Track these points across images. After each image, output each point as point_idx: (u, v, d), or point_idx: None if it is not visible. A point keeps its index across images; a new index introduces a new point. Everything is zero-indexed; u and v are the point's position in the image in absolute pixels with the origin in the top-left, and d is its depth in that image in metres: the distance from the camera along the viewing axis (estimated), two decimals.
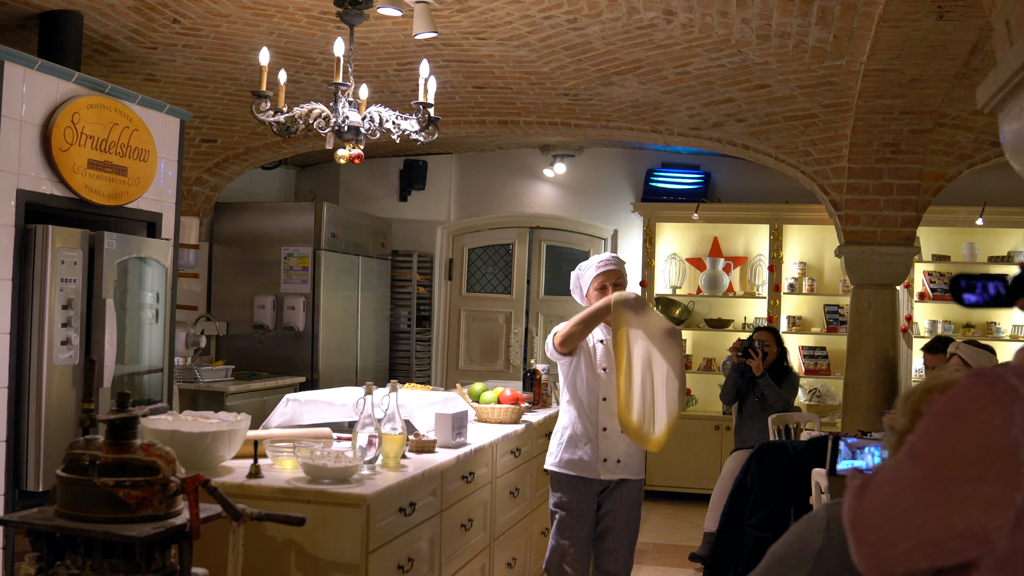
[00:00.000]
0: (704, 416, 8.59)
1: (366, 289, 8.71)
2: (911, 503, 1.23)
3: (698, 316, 8.91)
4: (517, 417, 5.01)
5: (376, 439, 3.58)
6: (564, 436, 4.29)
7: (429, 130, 4.31)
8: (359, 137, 4.30)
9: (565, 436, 4.29)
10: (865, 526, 1.27)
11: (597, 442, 4.24)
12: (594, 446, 4.24)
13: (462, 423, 4.28)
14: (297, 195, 9.75)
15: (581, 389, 4.25)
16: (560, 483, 4.28)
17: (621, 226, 9.29)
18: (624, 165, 9.29)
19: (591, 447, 4.24)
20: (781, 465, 5.39)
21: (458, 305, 9.74)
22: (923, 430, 1.26)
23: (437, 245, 9.68)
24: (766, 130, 6.60)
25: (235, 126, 7.27)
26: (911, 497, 1.23)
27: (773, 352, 6.73)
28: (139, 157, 5.14)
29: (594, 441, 4.24)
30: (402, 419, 3.71)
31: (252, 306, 8.01)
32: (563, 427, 4.32)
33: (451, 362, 9.72)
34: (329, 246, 8.06)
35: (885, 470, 1.29)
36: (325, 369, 7.98)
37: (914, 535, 1.22)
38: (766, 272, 8.62)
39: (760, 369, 6.53)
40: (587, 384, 4.25)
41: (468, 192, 9.66)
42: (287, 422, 4.36)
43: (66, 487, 2.61)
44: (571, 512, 4.24)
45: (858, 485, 1.33)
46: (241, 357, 7.99)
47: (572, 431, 4.27)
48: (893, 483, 1.26)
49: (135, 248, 5.00)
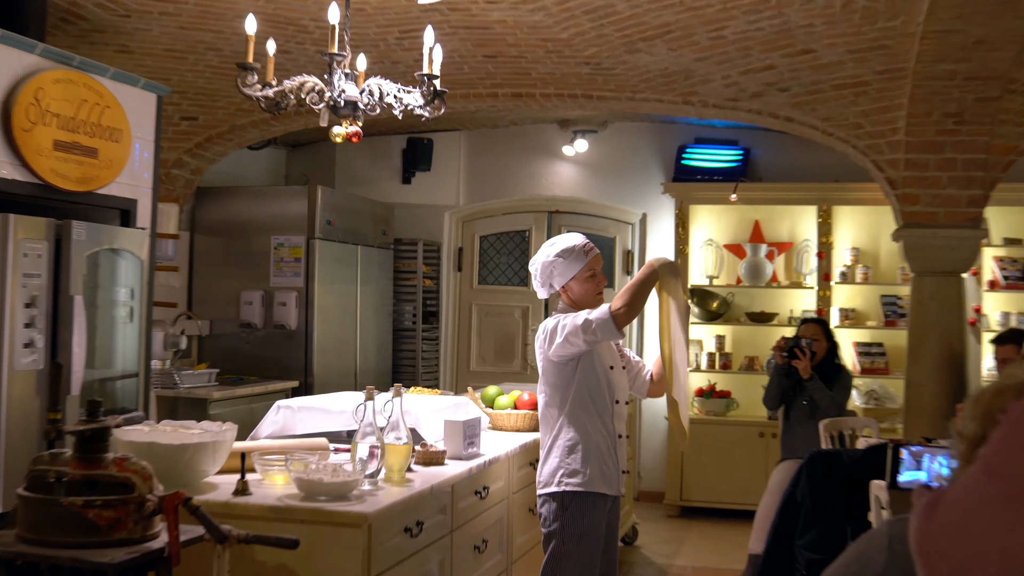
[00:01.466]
0: (747, 422, 8.56)
1: (366, 282, 8.71)
2: (989, 525, 1.19)
3: (738, 309, 8.88)
4: (536, 424, 4.97)
5: (378, 450, 3.57)
6: (576, 450, 4.03)
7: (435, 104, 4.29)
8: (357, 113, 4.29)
9: (578, 450, 4.03)
10: (936, 552, 1.24)
11: (615, 452, 4.10)
12: (613, 458, 4.09)
13: (474, 431, 4.28)
14: (288, 178, 9.75)
15: (593, 392, 4.06)
16: (584, 506, 4.02)
17: (650, 209, 9.27)
18: (653, 141, 9.26)
19: (612, 459, 4.08)
20: (835, 477, 5.36)
21: (469, 299, 9.73)
22: (999, 441, 1.23)
23: (445, 232, 9.67)
24: (812, 100, 6.56)
25: (218, 102, 7.27)
26: (989, 518, 1.20)
27: (822, 348, 6.68)
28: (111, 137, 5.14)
29: (613, 451, 4.09)
30: (407, 427, 3.72)
31: (238, 302, 8.02)
32: (569, 440, 4.04)
33: (461, 363, 9.72)
34: (324, 235, 8.06)
35: (957, 486, 1.26)
36: (320, 372, 7.99)
37: (994, 561, 1.19)
38: (814, 259, 8.58)
39: (808, 371, 6.46)
40: (598, 385, 4.08)
41: (479, 173, 9.65)
42: (278, 432, 4.36)
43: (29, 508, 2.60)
44: (594, 538, 4.04)
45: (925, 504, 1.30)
46: (226, 359, 8.00)
47: (585, 443, 4.03)
48: (967, 502, 1.23)
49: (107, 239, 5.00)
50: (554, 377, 4.08)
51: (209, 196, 8.27)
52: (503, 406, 5.17)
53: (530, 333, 9.49)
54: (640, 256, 9.33)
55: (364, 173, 9.68)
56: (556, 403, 4.09)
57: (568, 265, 4.10)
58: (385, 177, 9.68)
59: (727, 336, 8.90)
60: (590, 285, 4.12)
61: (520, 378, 9.31)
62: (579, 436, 4.05)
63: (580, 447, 4.03)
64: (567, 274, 4.10)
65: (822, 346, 6.69)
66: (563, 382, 4.07)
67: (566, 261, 4.10)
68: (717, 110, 7.00)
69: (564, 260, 4.10)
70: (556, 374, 4.08)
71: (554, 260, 4.10)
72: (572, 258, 4.10)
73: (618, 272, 9.39)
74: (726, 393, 8.71)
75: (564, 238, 4.18)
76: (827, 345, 6.73)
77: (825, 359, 6.70)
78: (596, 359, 4.08)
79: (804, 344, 6.52)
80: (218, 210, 8.24)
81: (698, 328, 8.90)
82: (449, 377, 9.68)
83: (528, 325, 9.53)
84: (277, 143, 9.46)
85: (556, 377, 4.08)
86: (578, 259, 4.10)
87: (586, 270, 4.11)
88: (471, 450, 4.24)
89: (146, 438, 3.39)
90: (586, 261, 4.11)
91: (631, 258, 9.40)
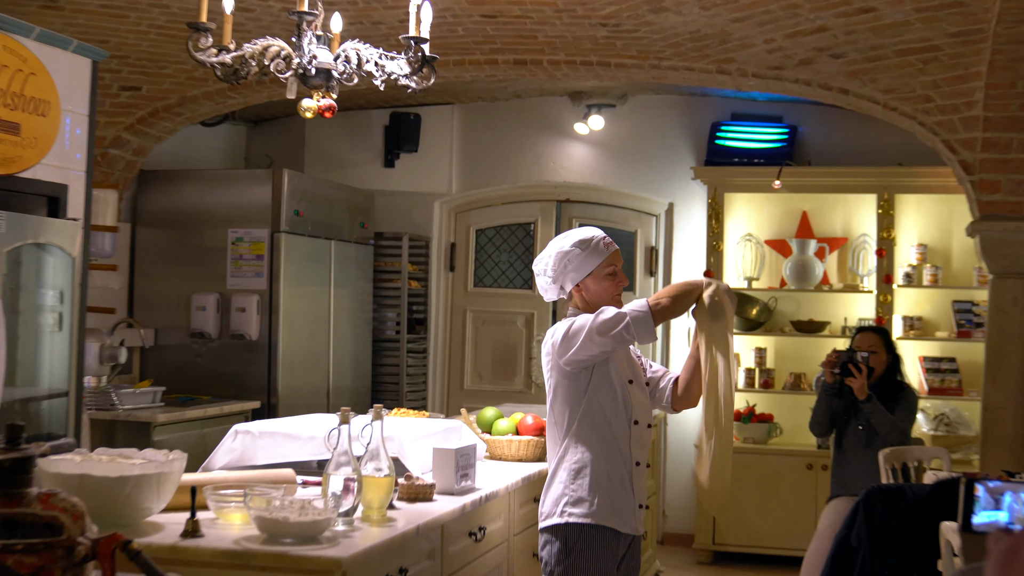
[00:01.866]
0: (792, 451, 8.54)
1: (341, 284, 8.71)
2: None
3: (782, 317, 8.86)
4: (542, 453, 4.98)
5: (354, 483, 3.56)
6: (583, 474, 4.03)
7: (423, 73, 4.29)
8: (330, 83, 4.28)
9: (585, 474, 4.03)
10: None
11: (631, 482, 4.11)
12: (628, 489, 4.09)
13: (469, 461, 4.30)
14: (249, 160, 9.75)
15: (607, 408, 4.06)
16: (591, 543, 4.01)
17: (678, 198, 9.26)
18: (681, 117, 9.25)
19: (625, 490, 4.08)
20: (897, 517, 5.35)
21: (463, 304, 9.73)
22: None
23: (435, 225, 9.67)
24: (872, 68, 6.56)
25: (166, 69, 7.27)
26: None
27: (882, 363, 6.66)
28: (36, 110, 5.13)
29: (627, 481, 4.09)
30: (389, 457, 3.73)
31: (189, 308, 8.01)
32: (575, 463, 4.06)
33: (454, 380, 9.72)
34: (291, 227, 8.06)
35: None
36: (286, 391, 7.99)
37: None
38: (873, 258, 8.58)
39: (864, 391, 6.44)
40: (613, 402, 4.08)
41: (475, 155, 9.65)
42: (235, 462, 4.36)
43: None
44: None
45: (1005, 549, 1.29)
46: (174, 376, 7.98)
47: (594, 469, 4.03)
48: None
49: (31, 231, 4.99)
50: (564, 391, 4.09)
51: (154, 181, 8.24)
52: (503, 431, 5.16)
53: (535, 345, 9.47)
54: (666, 253, 9.33)
55: (339, 154, 9.67)
56: (563, 420, 4.10)
57: (586, 258, 4.12)
58: (364, 159, 9.66)
59: (768, 349, 8.89)
60: (609, 283, 4.14)
61: (523, 398, 9.28)
62: (587, 458, 4.05)
63: (588, 471, 4.04)
64: (584, 269, 4.12)
65: (881, 360, 6.67)
66: (573, 396, 4.07)
67: (583, 253, 4.12)
68: (758, 80, 7.00)
69: (582, 252, 4.12)
70: (566, 387, 4.08)
71: (570, 251, 4.12)
72: (590, 250, 4.12)
73: (639, 272, 9.39)
74: (767, 417, 8.69)
75: (578, 231, 4.21)
76: (887, 359, 6.72)
77: (885, 376, 6.69)
78: (613, 369, 4.09)
79: (860, 358, 6.49)
80: (165, 198, 8.21)
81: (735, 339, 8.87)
82: (439, 397, 9.67)
83: (533, 335, 9.52)
84: (235, 118, 9.43)
85: (566, 391, 4.09)
86: (597, 252, 4.13)
87: (606, 265, 4.13)
88: (465, 483, 4.24)
89: (77, 469, 3.38)
90: (606, 255, 4.13)
91: (655, 256, 9.40)
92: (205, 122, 8.87)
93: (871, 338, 6.75)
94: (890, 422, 6.44)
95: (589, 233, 4.17)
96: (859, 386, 6.44)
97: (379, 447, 3.69)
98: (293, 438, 4.39)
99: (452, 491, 4.15)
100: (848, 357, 6.50)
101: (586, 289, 4.13)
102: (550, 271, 4.16)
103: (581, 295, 4.14)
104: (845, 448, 6.66)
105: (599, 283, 4.12)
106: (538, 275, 4.23)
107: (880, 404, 6.46)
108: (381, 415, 3.73)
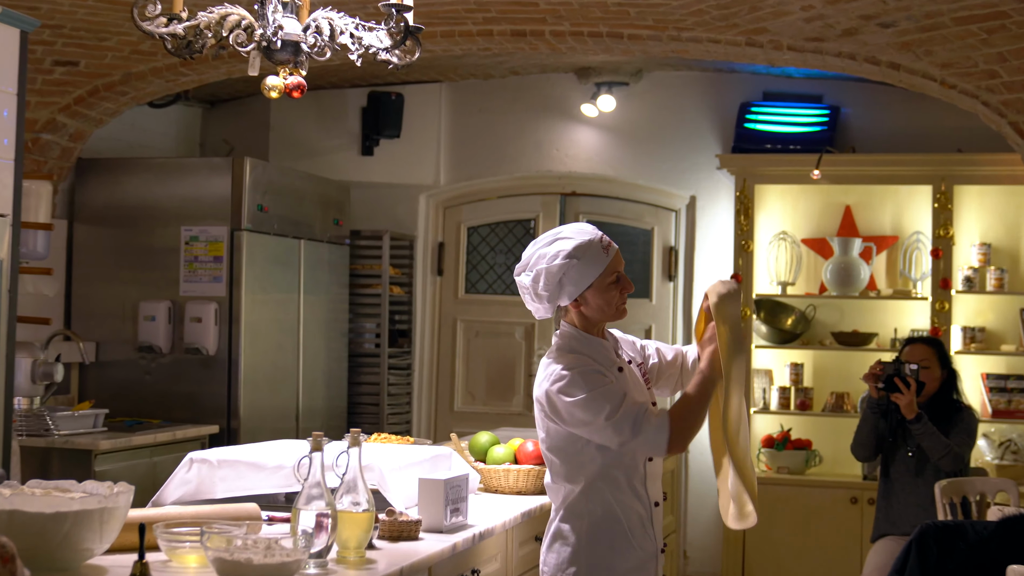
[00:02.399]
0: (834, 482, 8.53)
1: (312, 290, 8.71)
2: None
3: (821, 328, 8.86)
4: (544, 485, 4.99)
5: (328, 520, 3.56)
6: (595, 527, 3.99)
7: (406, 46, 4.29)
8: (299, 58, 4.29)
9: (598, 528, 3.99)
10: None
11: (652, 527, 4.09)
12: (649, 536, 4.08)
13: (460, 494, 4.30)
14: (205, 147, 9.75)
15: (617, 458, 3.99)
16: None
17: (701, 191, 9.27)
18: (705, 97, 9.26)
19: (647, 537, 4.07)
20: (956, 559, 5.33)
21: (453, 313, 9.74)
22: None
23: (420, 222, 9.68)
24: (927, 39, 6.56)
25: (107, 41, 7.26)
26: None
27: (935, 378, 6.64)
28: None
29: (648, 528, 4.08)
30: (368, 489, 3.72)
31: (136, 318, 8.01)
32: (584, 514, 4.01)
33: (442, 401, 9.72)
34: (255, 224, 8.06)
35: None
36: (249, 413, 7.99)
37: None
38: (927, 259, 8.56)
39: (913, 409, 6.41)
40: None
41: (466, 141, 9.65)
42: (191, 495, 4.37)
43: None
44: None
45: None
46: (119, 396, 7.97)
47: (609, 518, 3.99)
48: None
49: None
50: (562, 444, 4.01)
51: (95, 171, 8.23)
52: (499, 459, 5.16)
53: (536, 360, 9.47)
54: (687, 254, 9.33)
55: (309, 141, 9.67)
56: (564, 473, 4.03)
57: (585, 267, 3.99)
58: (338, 146, 9.67)
59: (806, 364, 8.87)
60: (613, 293, 4.03)
61: (522, 421, 9.22)
62: (598, 511, 4.00)
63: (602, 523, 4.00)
64: (583, 280, 4.00)
65: (934, 376, 6.64)
66: (577, 453, 3.99)
67: (582, 262, 3.98)
68: (794, 53, 7.00)
69: (580, 261, 3.98)
70: (567, 441, 4.00)
71: (566, 263, 3.97)
72: (590, 257, 3.99)
73: (656, 277, 9.39)
74: (805, 443, 8.69)
75: (567, 231, 4.09)
76: (941, 375, 6.70)
77: (939, 394, 6.67)
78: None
79: (908, 371, 6.45)
80: (107, 191, 8.20)
81: (766, 353, 8.90)
82: (425, 420, 9.66)
83: (534, 349, 9.52)
84: (189, 99, 9.40)
85: (565, 445, 4.01)
86: (597, 257, 4.01)
87: (608, 272, 4.02)
88: (455, 519, 4.25)
89: (7, 504, 3.37)
90: (608, 260, 4.02)
91: (674, 257, 9.40)
92: (153, 103, 8.86)
93: (922, 350, 6.73)
94: (943, 445, 6.38)
95: (582, 235, 4.03)
96: (907, 403, 6.40)
97: (357, 478, 3.68)
98: (257, 468, 4.38)
99: (441, 528, 4.14)
100: (894, 370, 6.45)
101: (586, 303, 4.02)
102: (542, 290, 4.02)
103: (579, 310, 4.05)
104: (893, 478, 6.65)
105: (602, 295, 4.02)
106: (524, 292, 4.10)
107: (932, 426, 6.42)
108: (359, 441, 3.71)
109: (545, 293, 4.02)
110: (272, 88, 4.32)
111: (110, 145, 8.53)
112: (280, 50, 4.25)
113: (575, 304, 4.03)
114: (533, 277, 4.02)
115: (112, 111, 7.87)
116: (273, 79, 4.33)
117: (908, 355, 6.67)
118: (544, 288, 4.01)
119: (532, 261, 4.05)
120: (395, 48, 4.30)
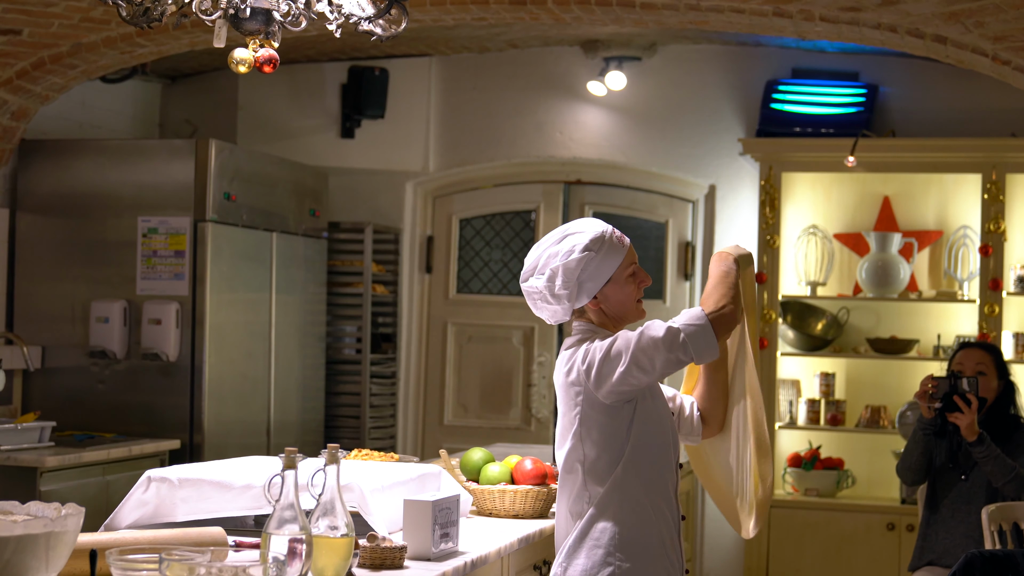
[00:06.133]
0: (869, 507, 8.56)
1: (285, 289, 8.70)
2: None
3: (855, 333, 8.87)
4: (545, 507, 5.01)
5: (302, 546, 3.52)
6: (613, 541, 4.08)
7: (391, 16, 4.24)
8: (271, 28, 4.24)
9: (615, 542, 4.08)
10: None
11: (678, 542, 4.16)
12: (678, 550, 4.15)
13: (450, 517, 4.31)
14: (165, 128, 9.79)
15: (656, 452, 4.12)
16: None
17: (721, 179, 9.28)
18: (726, 74, 9.28)
19: (676, 552, 4.13)
20: None
21: (443, 315, 9.75)
22: None
23: (406, 213, 9.71)
24: (977, 8, 6.51)
25: (54, 7, 7.19)
26: None
27: (991, 389, 6.55)
28: None
29: (677, 543, 4.15)
30: (347, 511, 3.69)
31: (87, 319, 8.00)
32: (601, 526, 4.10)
33: (431, 413, 9.74)
34: (221, 215, 8.04)
35: None
36: (214, 427, 7.99)
37: None
38: (976, 257, 8.58)
39: (975, 430, 6.28)
40: (664, 440, 4.15)
41: (459, 123, 9.67)
42: (148, 518, 4.39)
43: None
44: None
45: None
46: (68, 407, 7.98)
47: (628, 532, 4.08)
48: None
49: None
50: (598, 433, 4.08)
51: (40, 154, 8.24)
52: (494, 479, 5.15)
53: (535, 368, 9.49)
54: (705, 250, 9.36)
55: (282, 121, 9.69)
56: (598, 469, 4.09)
57: (604, 259, 4.12)
58: (315, 127, 9.69)
59: (838, 374, 8.88)
60: (632, 286, 4.18)
61: (520, 436, 9.31)
62: (630, 521, 4.08)
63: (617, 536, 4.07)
64: (602, 274, 4.13)
65: (991, 387, 6.57)
66: (614, 439, 4.08)
67: (600, 255, 4.11)
68: (827, 25, 6.96)
69: (598, 254, 4.11)
70: (602, 426, 4.08)
71: (584, 256, 4.09)
72: (607, 249, 4.13)
73: (671, 274, 9.43)
74: (836, 462, 8.70)
75: (575, 226, 4.20)
76: (998, 385, 6.62)
77: (995, 407, 6.59)
78: (660, 400, 4.16)
79: (967, 386, 6.34)
80: (54, 175, 8.20)
81: (793, 362, 8.89)
82: (412, 434, 9.70)
83: (533, 355, 9.53)
84: (147, 73, 9.41)
85: (601, 432, 4.08)
86: (614, 248, 4.14)
87: (626, 265, 4.15)
88: (445, 545, 4.24)
89: None
90: (625, 251, 4.15)
91: (691, 253, 9.42)
92: (106, 77, 8.85)
93: (978, 355, 6.65)
94: (1009, 468, 6.26)
95: (593, 228, 4.15)
96: (968, 424, 6.26)
97: (335, 499, 3.65)
98: (223, 487, 4.40)
99: (428, 555, 4.15)
100: (952, 386, 6.33)
101: (605, 299, 4.15)
102: (559, 289, 4.11)
103: (599, 307, 4.17)
104: (940, 504, 6.58)
105: (622, 288, 4.16)
106: (536, 297, 4.20)
107: (996, 446, 6.31)
108: (337, 458, 3.67)
109: (564, 292, 4.12)
110: (240, 62, 4.27)
111: (57, 125, 8.53)
112: (249, 19, 4.19)
113: (594, 302, 4.17)
114: (548, 277, 4.14)
115: (60, 86, 7.84)
116: (242, 52, 4.28)
117: (961, 361, 6.58)
118: (563, 287, 4.12)
119: (542, 262, 4.17)
120: (379, 17, 4.25)
